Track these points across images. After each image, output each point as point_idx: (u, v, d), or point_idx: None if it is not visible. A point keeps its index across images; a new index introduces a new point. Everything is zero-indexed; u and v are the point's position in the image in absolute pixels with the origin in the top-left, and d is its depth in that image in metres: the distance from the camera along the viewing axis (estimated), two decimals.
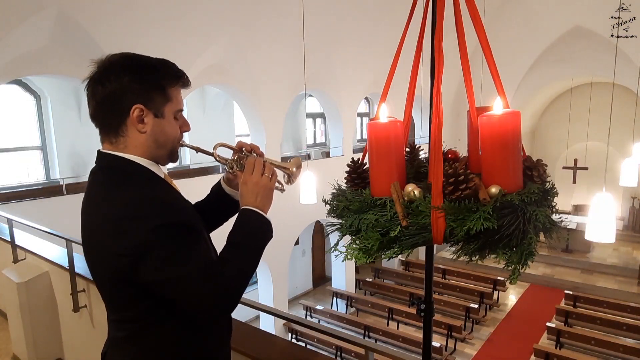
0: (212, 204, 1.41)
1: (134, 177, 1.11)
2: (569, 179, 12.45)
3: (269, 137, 8.50)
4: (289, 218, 8.92)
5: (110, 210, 1.04)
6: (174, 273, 1.01)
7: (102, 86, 1.08)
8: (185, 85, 1.18)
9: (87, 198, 1.14)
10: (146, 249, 1.00)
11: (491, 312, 10.01)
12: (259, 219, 1.17)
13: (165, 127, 1.14)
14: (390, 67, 1.24)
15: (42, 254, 3.28)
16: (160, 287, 1.04)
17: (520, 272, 0.97)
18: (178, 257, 1.02)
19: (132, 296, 1.08)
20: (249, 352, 1.96)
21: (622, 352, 7.15)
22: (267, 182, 1.20)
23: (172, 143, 1.17)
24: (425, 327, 1.32)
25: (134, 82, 1.08)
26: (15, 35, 4.96)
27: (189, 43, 6.45)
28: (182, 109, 1.18)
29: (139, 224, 1.00)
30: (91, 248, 1.12)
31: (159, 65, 1.13)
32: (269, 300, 9.06)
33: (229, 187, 1.39)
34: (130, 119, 1.09)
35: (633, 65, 9.45)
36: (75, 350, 3.16)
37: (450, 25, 1.16)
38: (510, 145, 0.96)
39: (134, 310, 1.11)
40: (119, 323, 1.17)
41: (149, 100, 1.10)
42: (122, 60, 1.09)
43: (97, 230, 1.08)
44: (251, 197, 1.18)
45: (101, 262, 1.10)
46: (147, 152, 1.13)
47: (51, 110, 7.71)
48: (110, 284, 1.12)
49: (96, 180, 1.13)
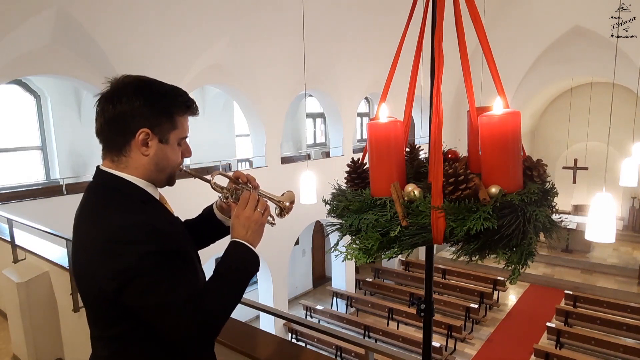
0: (202, 226, 1.45)
1: (130, 199, 1.12)
2: (569, 179, 12.44)
3: (269, 137, 8.50)
4: (289, 218, 8.86)
5: (102, 232, 1.05)
6: (155, 301, 1.03)
7: (112, 105, 1.10)
8: (194, 114, 1.20)
9: (80, 214, 1.15)
10: (133, 274, 1.01)
11: (491, 312, 10.01)
12: (247, 252, 1.19)
13: (167, 153, 1.16)
14: (390, 67, 1.24)
15: (42, 254, 3.28)
16: (141, 312, 1.06)
17: (520, 272, 0.97)
18: (162, 285, 1.03)
19: (116, 316, 1.10)
20: (249, 352, 1.96)
21: (622, 352, 7.14)
22: (259, 218, 1.23)
23: (172, 168, 1.20)
24: (425, 327, 1.32)
25: (144, 106, 1.10)
26: (15, 35, 4.95)
27: (189, 43, 6.45)
28: (187, 136, 1.21)
29: (128, 248, 1.02)
30: (78, 265, 1.14)
31: (171, 93, 1.15)
32: (269, 300, 9.05)
33: (220, 213, 1.43)
34: (135, 141, 1.11)
35: (633, 65, 9.45)
36: (75, 350, 3.16)
37: (450, 25, 1.16)
38: (510, 145, 0.96)
39: (116, 328, 1.12)
40: (102, 340, 1.18)
41: (156, 125, 1.12)
42: (136, 83, 1.12)
43: (87, 249, 1.09)
44: (242, 231, 1.21)
45: (87, 280, 1.11)
46: (146, 174, 1.15)
47: (51, 110, 7.72)
48: (94, 302, 1.13)
49: (92, 198, 1.15)
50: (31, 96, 7.65)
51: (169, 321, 1.05)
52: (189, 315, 1.04)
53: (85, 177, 7.79)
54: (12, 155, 7.46)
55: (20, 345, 3.27)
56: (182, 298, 1.04)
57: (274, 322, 8.87)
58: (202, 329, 1.06)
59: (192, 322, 1.04)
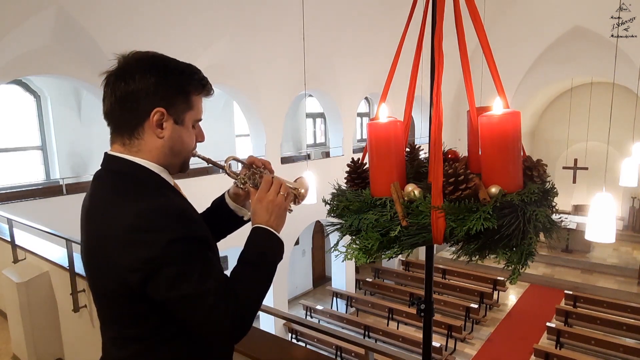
0: (214, 218, 1.34)
1: (147, 185, 1.03)
2: (569, 179, 12.45)
3: (269, 137, 8.50)
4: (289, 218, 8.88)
5: (121, 221, 0.96)
6: (185, 292, 0.94)
7: (125, 83, 1.01)
8: (209, 94, 1.13)
9: (91, 204, 1.05)
10: (158, 265, 0.93)
11: (491, 312, 10.01)
12: (273, 238, 1.13)
13: (183, 135, 1.08)
14: (391, 67, 1.24)
15: (42, 254, 3.28)
16: (170, 306, 0.98)
17: (520, 272, 0.97)
18: (193, 275, 0.95)
19: (138, 314, 1.02)
20: (249, 352, 1.96)
21: (622, 352, 7.15)
22: (282, 202, 1.17)
23: (187, 152, 1.12)
24: (425, 327, 1.32)
25: (159, 84, 1.02)
26: (15, 35, 4.96)
27: (189, 43, 6.45)
28: (201, 119, 1.13)
29: (152, 236, 0.94)
30: (94, 259, 1.05)
31: (187, 70, 1.07)
32: (269, 300, 9.05)
33: (234, 202, 1.34)
34: (149, 122, 1.03)
35: (633, 65, 9.45)
36: (75, 350, 3.16)
37: (450, 25, 1.16)
38: (510, 145, 0.96)
39: (138, 328, 1.04)
40: (120, 341, 1.08)
41: (171, 105, 1.04)
42: (151, 60, 1.04)
43: (104, 241, 0.99)
44: (265, 216, 1.14)
45: (105, 275, 1.02)
46: (160, 158, 1.06)
47: (51, 110, 7.71)
48: (112, 299, 1.04)
49: (103, 186, 1.05)
50: (31, 96, 7.65)
51: (200, 314, 0.96)
52: (223, 306, 0.96)
53: (85, 177, 7.79)
54: (12, 155, 7.45)
55: (20, 345, 3.27)
56: (214, 288, 0.96)
57: (274, 322, 8.87)
58: (235, 321, 0.98)
59: (226, 313, 0.96)
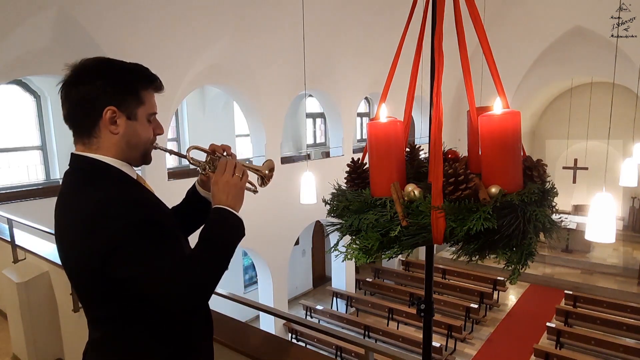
0: (188, 207, 1.45)
1: (105, 177, 1.13)
2: (569, 179, 12.45)
3: (269, 137, 8.49)
4: (289, 218, 8.92)
5: (81, 208, 1.07)
6: (143, 268, 1.03)
7: (76, 89, 1.10)
8: (158, 89, 1.21)
9: (60, 198, 1.17)
10: (116, 246, 1.02)
11: (491, 312, 10.01)
12: (230, 217, 1.19)
13: (137, 129, 1.16)
14: (391, 67, 1.24)
15: (42, 254, 3.28)
16: (131, 283, 1.06)
17: (520, 272, 0.97)
18: (148, 253, 1.04)
19: (104, 294, 1.11)
20: (249, 352, 1.96)
21: (622, 352, 7.14)
22: (238, 182, 1.23)
23: (145, 145, 1.20)
24: (425, 327, 1.32)
25: (107, 85, 1.10)
26: (15, 35, 4.95)
27: (189, 43, 6.45)
28: (156, 112, 1.21)
29: (109, 221, 1.03)
30: (64, 246, 1.15)
31: (132, 69, 1.16)
32: (269, 300, 9.05)
33: (202, 189, 1.43)
34: (103, 121, 1.12)
35: (633, 65, 9.44)
36: (75, 350, 3.16)
37: (450, 26, 1.16)
38: (510, 145, 0.96)
39: (105, 310, 1.14)
40: (94, 323, 1.20)
41: (121, 102, 1.12)
42: (96, 63, 1.13)
43: (69, 228, 1.11)
44: (222, 196, 1.21)
45: (74, 259, 1.13)
46: (119, 153, 1.15)
47: (51, 110, 7.71)
48: (82, 281, 1.14)
49: (69, 181, 1.16)
50: (31, 96, 7.65)
51: (159, 287, 1.04)
52: (180, 279, 1.04)
53: None
54: (12, 155, 7.45)
55: (20, 345, 3.27)
56: (170, 263, 1.05)
57: (274, 322, 8.87)
58: (192, 292, 1.06)
59: (184, 285, 1.04)
